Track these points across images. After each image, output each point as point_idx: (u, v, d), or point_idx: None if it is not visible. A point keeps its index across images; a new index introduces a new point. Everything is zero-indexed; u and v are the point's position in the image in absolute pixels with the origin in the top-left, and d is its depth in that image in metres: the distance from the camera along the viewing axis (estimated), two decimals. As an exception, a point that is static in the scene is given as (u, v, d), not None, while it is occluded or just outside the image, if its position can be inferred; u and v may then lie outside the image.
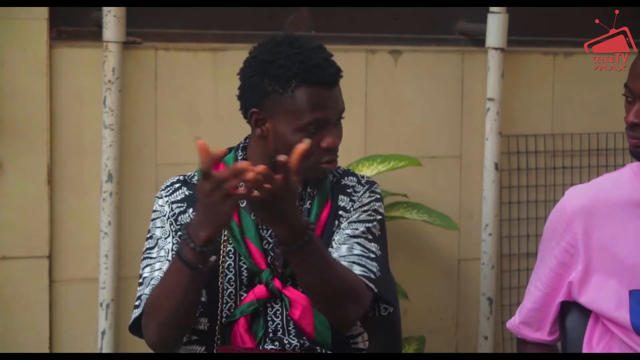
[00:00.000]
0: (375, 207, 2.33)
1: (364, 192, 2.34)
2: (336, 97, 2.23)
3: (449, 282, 3.72)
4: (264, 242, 2.26)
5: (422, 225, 3.52)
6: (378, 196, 2.35)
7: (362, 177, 2.37)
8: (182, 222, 2.27)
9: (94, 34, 3.26)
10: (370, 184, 2.36)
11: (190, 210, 2.28)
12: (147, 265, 2.27)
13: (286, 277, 2.24)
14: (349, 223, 2.29)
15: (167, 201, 2.30)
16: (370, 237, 2.29)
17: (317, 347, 2.26)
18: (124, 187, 3.29)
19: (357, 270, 2.23)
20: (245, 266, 2.25)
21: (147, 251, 2.30)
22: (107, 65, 3.22)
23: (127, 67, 3.27)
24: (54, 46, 3.22)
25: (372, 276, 2.24)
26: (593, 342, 2.26)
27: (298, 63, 2.18)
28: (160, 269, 2.24)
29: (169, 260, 2.24)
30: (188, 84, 3.36)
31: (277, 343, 2.24)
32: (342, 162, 3.42)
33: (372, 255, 2.26)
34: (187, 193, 2.30)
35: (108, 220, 3.25)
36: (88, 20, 3.30)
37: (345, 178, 2.36)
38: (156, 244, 2.29)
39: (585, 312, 2.28)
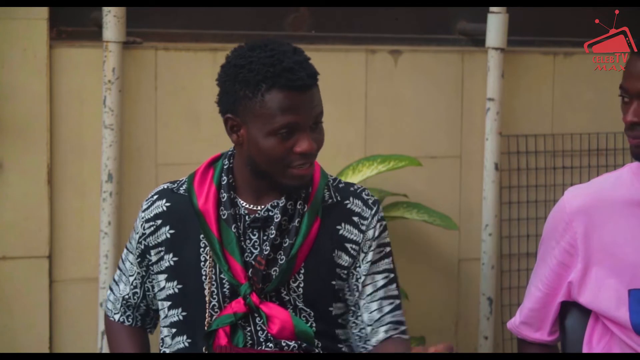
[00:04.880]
0: (386, 240, 2.29)
1: (372, 219, 2.27)
2: (310, 101, 2.14)
3: (449, 282, 3.72)
4: (245, 254, 2.21)
5: (422, 225, 3.52)
6: (384, 221, 2.29)
7: (367, 197, 2.28)
8: (149, 245, 2.27)
9: (94, 34, 3.26)
10: (376, 206, 2.29)
11: (165, 228, 2.26)
12: (114, 280, 2.41)
13: (266, 293, 2.20)
14: (369, 264, 2.26)
15: (143, 217, 2.29)
16: (391, 276, 2.30)
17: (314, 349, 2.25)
18: (124, 187, 3.29)
19: (394, 333, 2.26)
20: (226, 279, 2.21)
21: (122, 257, 2.38)
22: (107, 65, 3.22)
23: (127, 67, 3.27)
24: (54, 46, 3.22)
25: (403, 328, 2.28)
26: (593, 342, 2.26)
27: (267, 66, 2.11)
28: (122, 290, 2.37)
29: (134, 287, 2.35)
30: (188, 84, 3.36)
31: (271, 345, 2.22)
32: (342, 162, 3.47)
33: (397, 302, 2.29)
34: (164, 207, 2.27)
35: (108, 220, 3.25)
36: (88, 20, 3.30)
37: (351, 200, 2.27)
38: (126, 257, 2.36)
39: (585, 312, 2.28)
